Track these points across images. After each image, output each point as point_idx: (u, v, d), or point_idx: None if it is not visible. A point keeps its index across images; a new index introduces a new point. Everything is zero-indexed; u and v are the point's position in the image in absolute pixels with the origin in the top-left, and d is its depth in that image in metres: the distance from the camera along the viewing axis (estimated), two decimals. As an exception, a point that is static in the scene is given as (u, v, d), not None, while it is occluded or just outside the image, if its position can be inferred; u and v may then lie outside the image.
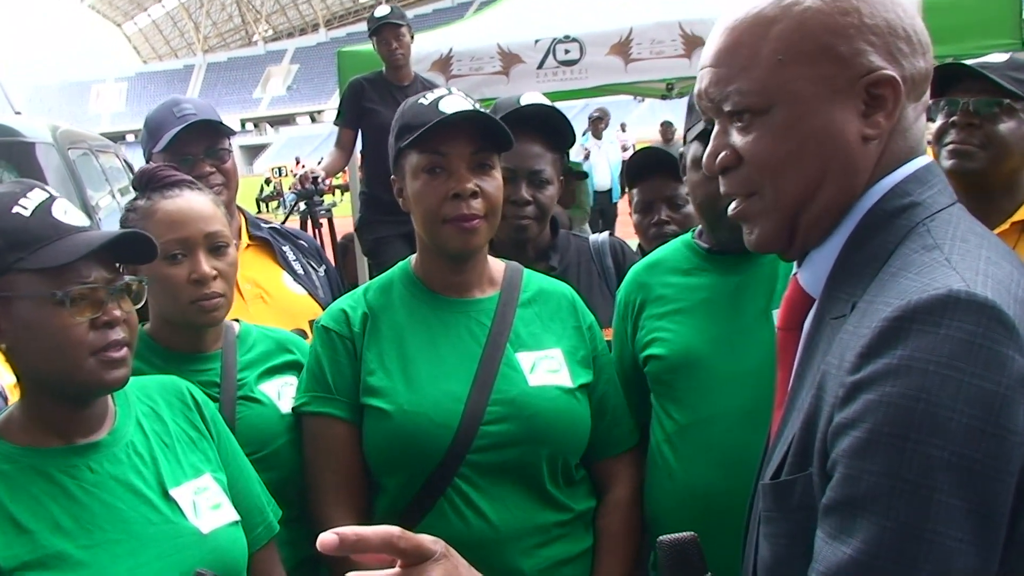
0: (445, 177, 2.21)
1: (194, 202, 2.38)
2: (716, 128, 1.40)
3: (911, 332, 1.10)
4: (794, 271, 1.41)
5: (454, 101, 2.22)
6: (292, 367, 2.49)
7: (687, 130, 2.47)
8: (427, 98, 2.26)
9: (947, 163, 2.66)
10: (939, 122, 2.72)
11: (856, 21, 1.28)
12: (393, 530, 1.16)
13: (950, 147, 2.68)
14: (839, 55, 1.28)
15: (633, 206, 3.51)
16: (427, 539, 1.18)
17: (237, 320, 2.54)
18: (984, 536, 1.07)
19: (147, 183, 2.41)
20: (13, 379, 1.91)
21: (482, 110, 2.25)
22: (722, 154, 1.38)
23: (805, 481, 1.22)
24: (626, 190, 3.67)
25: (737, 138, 1.35)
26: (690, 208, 3.44)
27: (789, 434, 1.28)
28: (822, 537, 1.15)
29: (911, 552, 1.07)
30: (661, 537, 1.35)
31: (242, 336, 2.49)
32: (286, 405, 2.40)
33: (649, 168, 3.47)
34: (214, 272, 2.33)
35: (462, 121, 2.19)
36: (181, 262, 2.32)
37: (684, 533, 1.34)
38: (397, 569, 1.16)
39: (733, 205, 1.41)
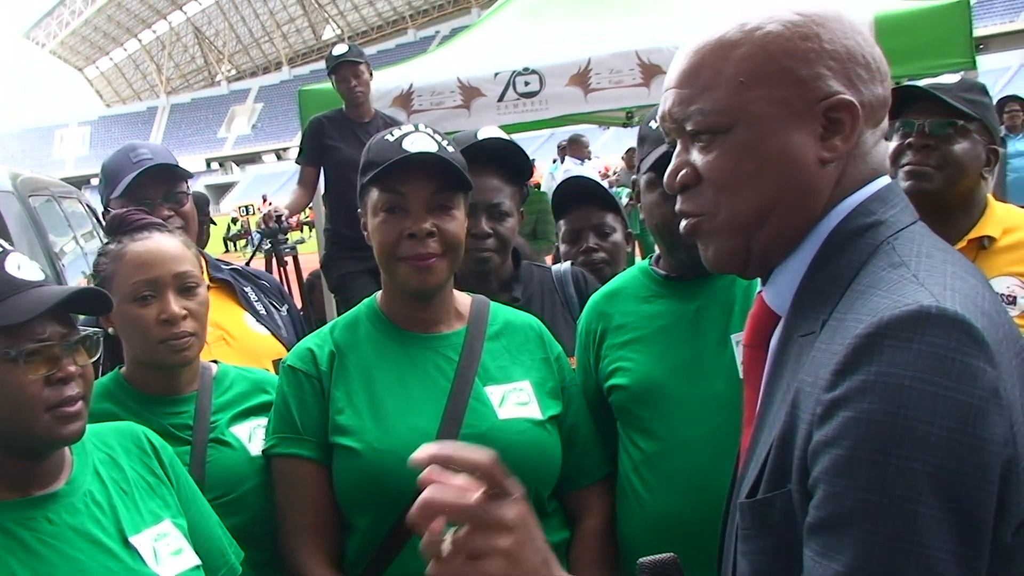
0: (402, 216, 2.21)
1: (163, 243, 2.39)
2: (678, 148, 1.42)
3: (885, 348, 1.11)
4: (759, 289, 1.43)
5: (418, 139, 2.23)
6: (268, 408, 2.47)
7: (640, 160, 2.49)
8: (393, 135, 2.27)
9: (904, 184, 2.68)
10: (895, 143, 2.76)
11: (816, 46, 1.31)
12: (491, 454, 1.19)
13: (907, 168, 2.72)
14: (799, 78, 1.31)
15: (561, 236, 3.54)
16: (512, 480, 1.20)
17: (216, 361, 2.53)
18: (970, 546, 1.08)
19: (117, 227, 2.43)
20: None
21: (444, 151, 2.24)
22: (682, 172, 1.40)
23: (784, 498, 1.22)
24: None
25: (698, 157, 1.37)
26: (618, 236, 3.48)
27: (762, 451, 1.29)
28: (810, 556, 1.15)
29: (899, 566, 1.08)
30: (641, 560, 1.36)
31: (219, 378, 2.48)
32: (256, 447, 2.38)
33: (576, 198, 3.51)
34: (184, 312, 2.32)
35: (423, 161, 2.20)
36: (150, 303, 2.31)
37: (664, 555, 1.35)
38: (481, 494, 1.17)
39: (685, 223, 1.43)
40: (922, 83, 2.79)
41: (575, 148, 15.05)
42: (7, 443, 1.79)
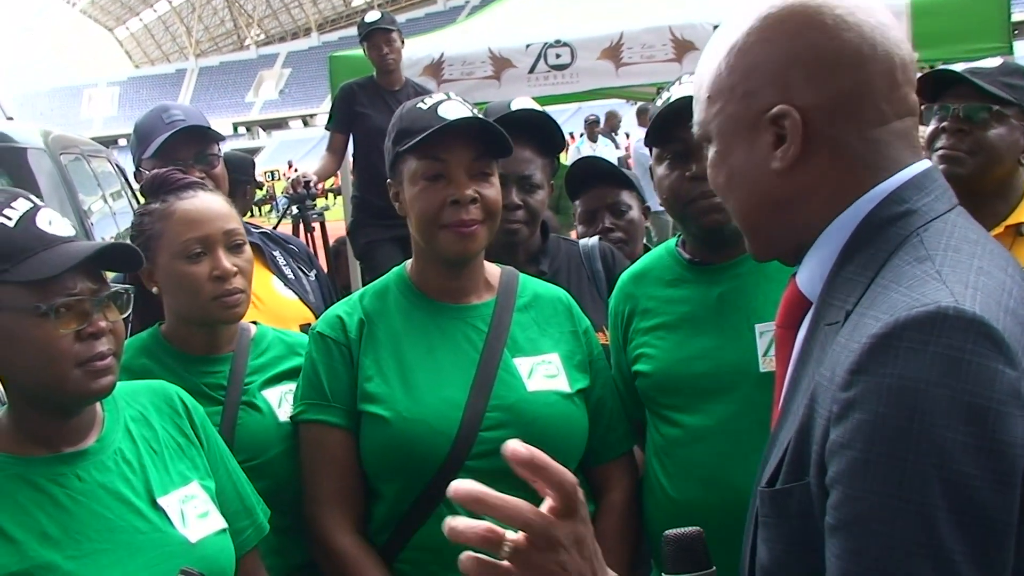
0: (444, 183, 2.20)
1: (211, 202, 2.40)
2: None
3: (900, 350, 1.10)
4: (793, 271, 1.43)
5: (453, 107, 2.22)
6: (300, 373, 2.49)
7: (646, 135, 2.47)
8: (426, 103, 2.26)
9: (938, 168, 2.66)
10: (931, 127, 2.74)
11: (750, 61, 1.34)
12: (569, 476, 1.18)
13: (940, 152, 2.70)
14: (744, 92, 1.35)
15: (577, 217, 3.53)
16: (583, 503, 1.19)
17: (255, 323, 2.55)
18: (990, 551, 1.07)
19: (159, 186, 2.43)
20: None
21: (481, 116, 2.25)
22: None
23: (802, 490, 1.22)
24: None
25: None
26: (634, 213, 3.47)
27: (784, 439, 1.28)
28: (830, 556, 1.15)
29: (918, 570, 1.07)
30: (667, 532, 1.36)
31: (257, 339, 2.50)
32: (285, 413, 2.39)
33: (589, 178, 3.49)
34: (235, 268, 2.34)
35: (462, 128, 2.19)
36: (202, 260, 2.32)
37: (690, 528, 1.35)
38: (549, 504, 1.19)
39: None
40: (961, 67, 2.77)
41: (611, 122, 15.03)
42: (37, 399, 1.80)
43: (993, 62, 2.82)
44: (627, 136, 17.92)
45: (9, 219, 1.76)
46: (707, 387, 2.28)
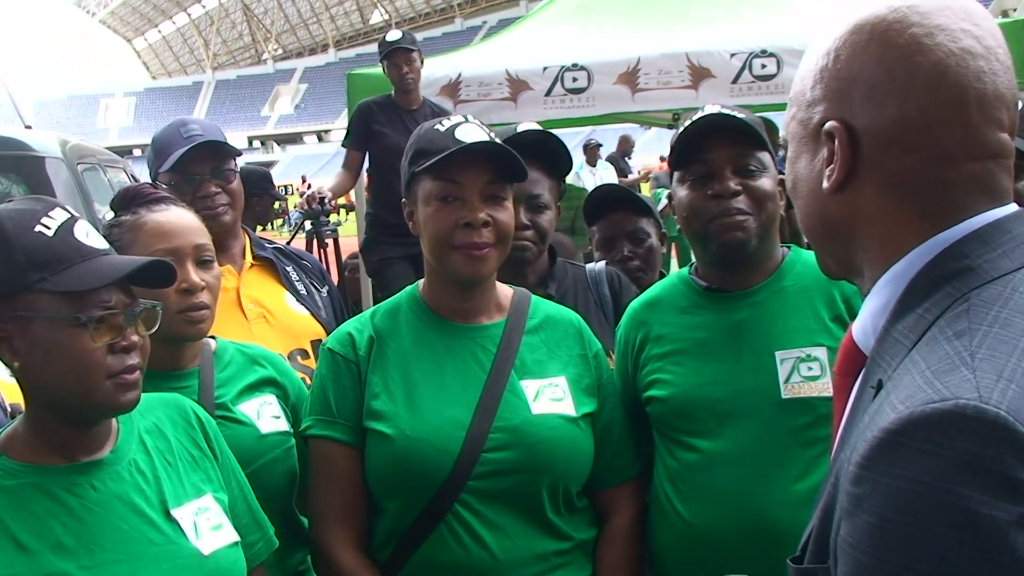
0: (458, 205, 2.22)
1: (183, 215, 2.42)
2: None
3: (912, 450, 1.01)
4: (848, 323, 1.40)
5: (470, 130, 2.24)
6: (268, 383, 2.50)
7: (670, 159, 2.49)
8: (443, 125, 2.27)
9: None
10: None
11: (827, 65, 1.27)
12: None
13: None
14: (811, 99, 1.29)
15: (595, 244, 3.52)
16: None
17: (213, 337, 2.54)
18: None
19: (131, 199, 2.43)
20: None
21: (498, 141, 2.26)
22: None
23: (825, 573, 1.16)
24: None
25: None
26: (652, 241, 3.46)
27: (818, 506, 1.23)
28: None
29: None
30: None
31: (219, 353, 2.50)
32: (265, 425, 2.41)
33: (608, 205, 3.49)
34: (203, 283, 2.35)
35: (478, 151, 2.21)
36: None
37: None
38: None
39: None
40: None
41: (623, 146, 15.04)
42: (63, 408, 1.81)
43: None
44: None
45: (48, 228, 1.78)
46: (725, 411, 2.28)
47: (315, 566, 2.34)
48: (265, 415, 2.42)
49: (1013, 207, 1.21)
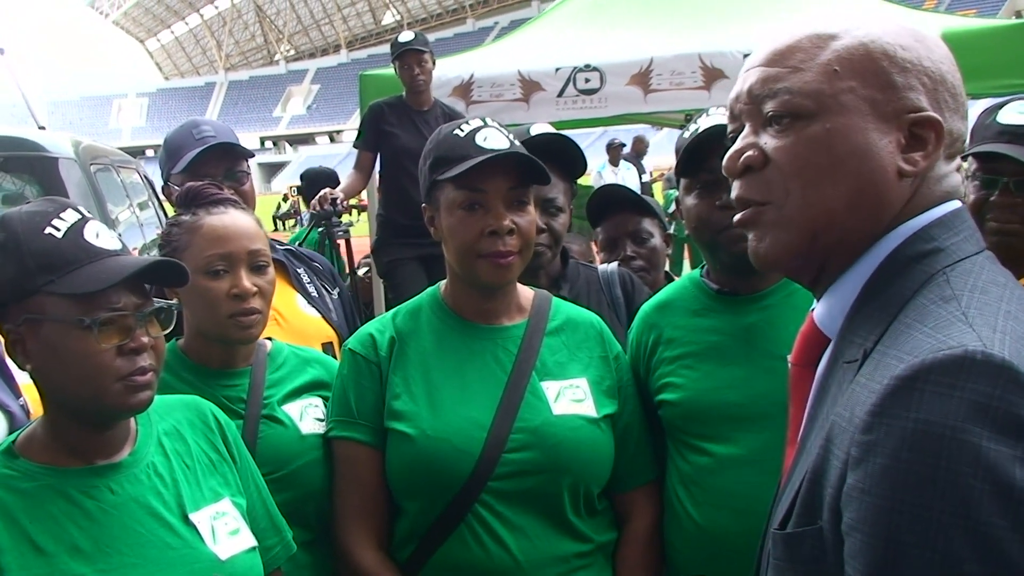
0: (482, 213, 2.22)
1: (239, 219, 2.42)
2: (744, 131, 1.38)
3: (924, 393, 1.06)
4: (812, 307, 1.39)
5: (491, 135, 2.23)
6: (319, 386, 2.50)
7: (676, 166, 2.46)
8: (463, 129, 2.26)
9: (991, 239, 2.49)
10: (976, 193, 2.61)
11: (914, 58, 1.29)
12: None
13: (992, 226, 2.55)
14: (892, 83, 1.28)
15: (599, 245, 3.52)
16: None
17: (269, 338, 2.56)
18: None
19: (192, 199, 2.44)
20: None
21: (519, 146, 2.26)
22: (747, 153, 1.35)
23: (815, 534, 1.19)
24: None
25: (770, 141, 1.33)
26: (655, 241, 3.47)
27: (797, 480, 1.26)
28: None
29: None
30: None
31: (273, 354, 2.51)
32: (307, 426, 2.41)
33: (611, 206, 3.49)
34: (254, 288, 2.35)
35: (501, 157, 2.20)
36: (223, 276, 2.34)
37: None
38: None
39: (741, 213, 1.38)
40: (1005, 118, 2.66)
41: (637, 147, 15.08)
42: (76, 410, 1.81)
43: None
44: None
45: (58, 230, 1.78)
46: (738, 416, 2.27)
47: (337, 567, 2.34)
48: (308, 417, 2.43)
49: (959, 201, 1.33)
